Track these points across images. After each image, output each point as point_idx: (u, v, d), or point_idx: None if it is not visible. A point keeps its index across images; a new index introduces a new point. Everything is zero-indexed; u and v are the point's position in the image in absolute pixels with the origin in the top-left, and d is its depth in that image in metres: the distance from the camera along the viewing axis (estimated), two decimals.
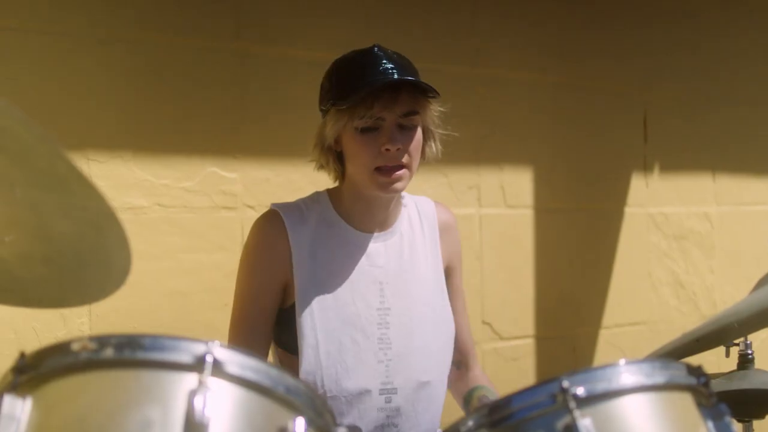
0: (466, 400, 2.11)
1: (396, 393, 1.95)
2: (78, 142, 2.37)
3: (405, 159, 1.88)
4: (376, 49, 1.92)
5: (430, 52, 2.99)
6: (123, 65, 2.47)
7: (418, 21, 3.05)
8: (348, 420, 1.89)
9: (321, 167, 2.02)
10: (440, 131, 1.99)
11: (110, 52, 2.45)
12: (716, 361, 1.91)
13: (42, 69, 2.34)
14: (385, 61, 1.88)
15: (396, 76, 1.86)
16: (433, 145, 1.99)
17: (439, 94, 1.89)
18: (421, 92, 1.89)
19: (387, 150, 1.85)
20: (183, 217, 2.55)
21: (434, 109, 1.95)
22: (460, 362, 2.22)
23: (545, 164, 3.40)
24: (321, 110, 1.97)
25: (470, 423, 1.18)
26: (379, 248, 2.00)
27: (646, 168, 3.74)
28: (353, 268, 1.97)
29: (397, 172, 1.87)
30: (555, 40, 3.44)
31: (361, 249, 1.99)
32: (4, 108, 0.92)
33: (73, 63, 2.39)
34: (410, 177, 1.92)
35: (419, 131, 1.92)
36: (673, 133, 3.82)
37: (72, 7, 2.40)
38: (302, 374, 1.88)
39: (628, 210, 3.68)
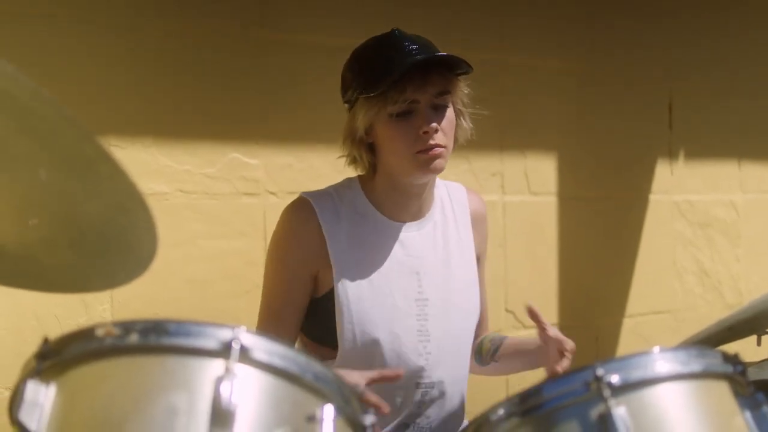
0: (477, 350, 2.09)
1: (434, 387, 1.92)
2: (99, 128, 2.35)
3: (442, 139, 1.84)
4: (396, 32, 1.89)
5: (455, 38, 2.94)
6: (145, 51, 2.46)
7: (443, 6, 3.02)
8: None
9: (353, 161, 1.96)
10: (469, 110, 1.95)
11: (132, 38, 2.43)
12: (742, 350, 1.88)
13: (64, 55, 2.33)
14: (407, 43, 1.85)
15: (423, 56, 1.82)
16: (464, 122, 1.95)
17: (472, 67, 1.85)
18: (450, 71, 1.86)
19: (425, 133, 1.82)
20: (205, 204, 2.53)
21: (463, 89, 1.91)
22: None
23: (569, 151, 3.36)
24: (346, 103, 1.93)
25: (501, 412, 1.17)
26: (413, 237, 1.95)
27: (671, 155, 3.69)
28: (389, 258, 1.92)
29: (437, 150, 1.83)
30: (580, 28, 3.40)
31: (396, 239, 1.94)
32: (32, 90, 0.90)
33: (95, 49, 2.37)
34: (447, 157, 1.88)
35: (451, 111, 1.88)
36: (698, 120, 3.77)
37: None
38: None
39: (653, 198, 3.64)
